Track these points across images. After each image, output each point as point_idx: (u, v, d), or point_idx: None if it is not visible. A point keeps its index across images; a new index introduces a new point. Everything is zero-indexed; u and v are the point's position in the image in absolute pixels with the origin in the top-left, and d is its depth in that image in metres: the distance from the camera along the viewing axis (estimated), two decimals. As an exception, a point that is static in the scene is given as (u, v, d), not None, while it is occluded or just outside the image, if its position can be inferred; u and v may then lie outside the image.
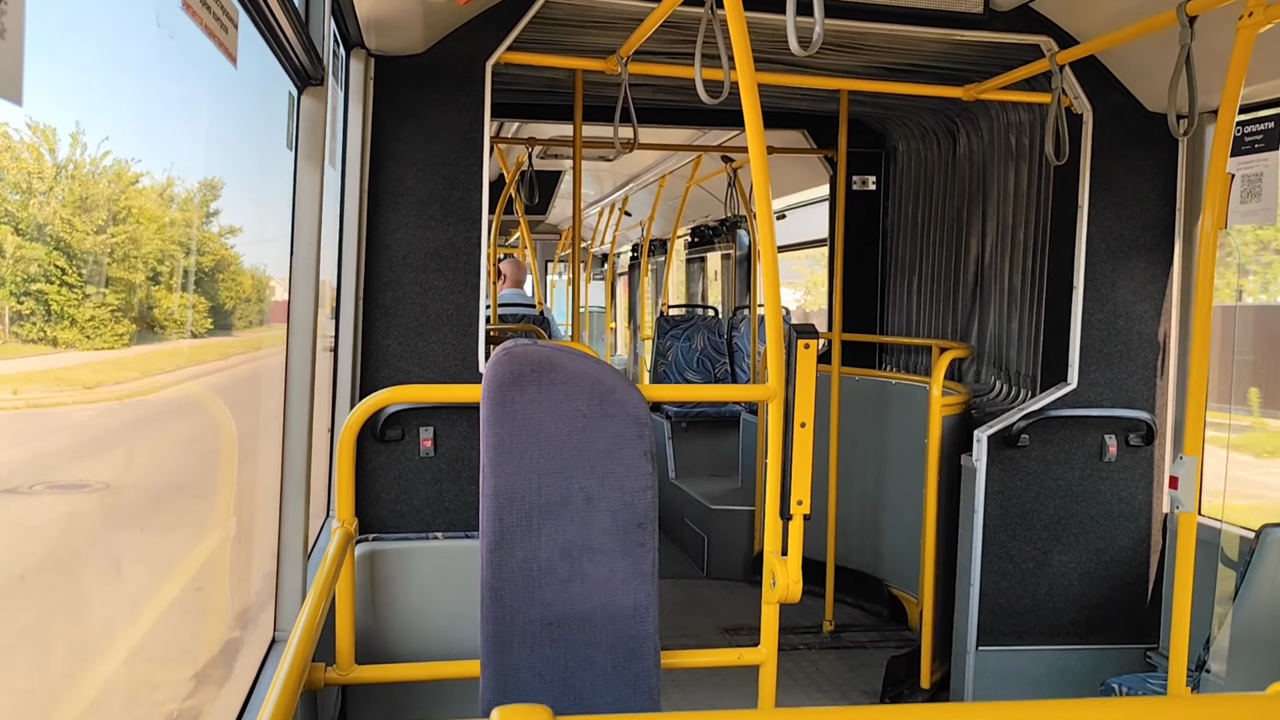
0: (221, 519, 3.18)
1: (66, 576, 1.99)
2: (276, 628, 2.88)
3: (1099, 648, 4.54)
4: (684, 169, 8.63)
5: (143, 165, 2.06)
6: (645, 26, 3.63)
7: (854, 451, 5.93)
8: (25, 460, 1.82)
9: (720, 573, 6.86)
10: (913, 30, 4.14)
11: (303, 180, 2.76)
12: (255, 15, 2.05)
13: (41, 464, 1.87)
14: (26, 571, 1.85)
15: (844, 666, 5.19)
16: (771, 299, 2.75)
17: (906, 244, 6.17)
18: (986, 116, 5.31)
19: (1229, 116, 3.03)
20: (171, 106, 2.27)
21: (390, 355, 3.78)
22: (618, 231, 12.12)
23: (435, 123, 3.79)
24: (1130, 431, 4.50)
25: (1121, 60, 4.32)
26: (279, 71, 2.54)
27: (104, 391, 2.11)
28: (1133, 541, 4.54)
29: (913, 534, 5.41)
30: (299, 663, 1.99)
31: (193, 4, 1.46)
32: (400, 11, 3.33)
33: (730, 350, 9.00)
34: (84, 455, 2.09)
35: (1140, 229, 4.45)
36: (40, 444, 1.89)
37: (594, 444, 2.60)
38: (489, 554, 2.54)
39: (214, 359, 3.19)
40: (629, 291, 13.69)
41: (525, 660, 2.57)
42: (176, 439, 2.93)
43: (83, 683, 2.06)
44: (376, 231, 3.76)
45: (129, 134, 1.90)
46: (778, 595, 2.66)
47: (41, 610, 1.87)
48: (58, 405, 1.89)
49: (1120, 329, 4.46)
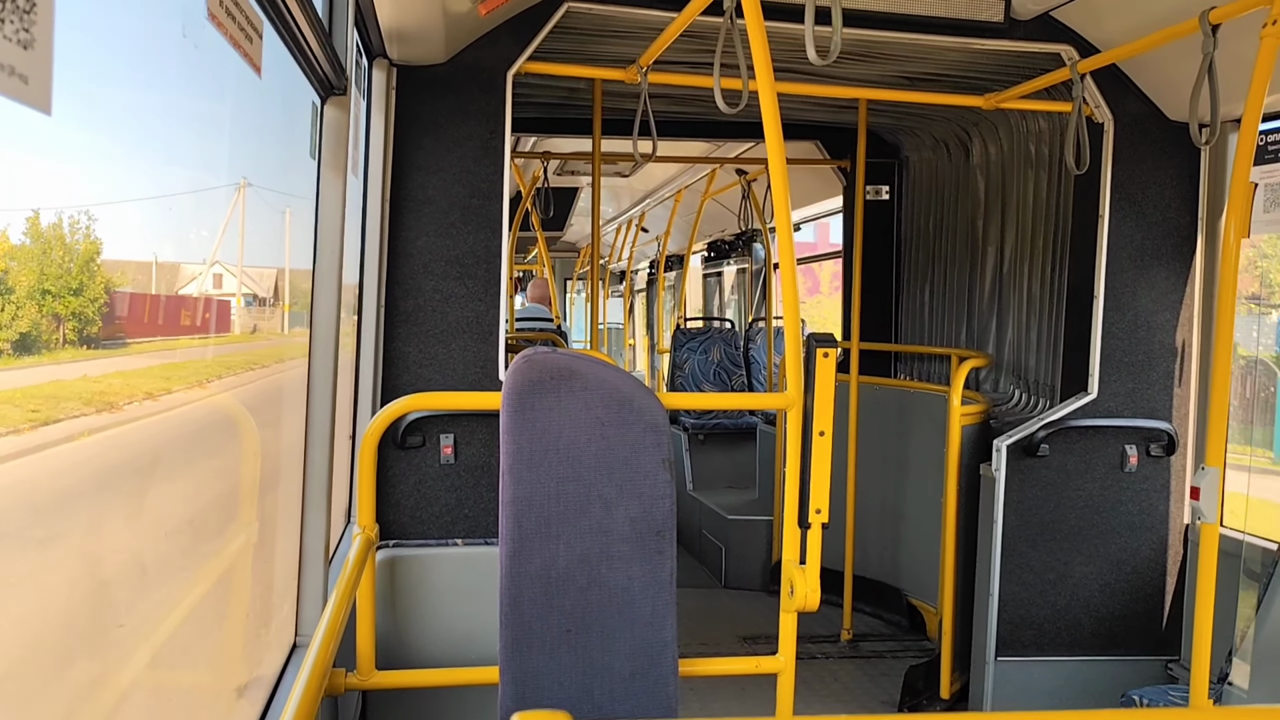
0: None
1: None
2: (298, 633, 2.90)
3: (1120, 659, 4.50)
4: (699, 184, 8.65)
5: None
6: (665, 36, 3.64)
7: (872, 461, 5.92)
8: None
9: (738, 582, 6.85)
10: (933, 39, 4.14)
11: (325, 189, 2.78)
12: (280, 25, 2.07)
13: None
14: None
15: (862, 676, 5.17)
16: (790, 308, 2.76)
17: (920, 253, 6.16)
18: (1006, 125, 5.30)
19: (1252, 125, 3.01)
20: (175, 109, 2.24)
21: (411, 362, 3.80)
22: (634, 249, 12.15)
23: (456, 131, 3.82)
24: (1151, 442, 4.47)
25: (1143, 68, 4.30)
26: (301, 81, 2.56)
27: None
28: (1154, 553, 4.50)
29: (931, 543, 5.39)
30: (320, 668, 2.01)
31: (218, 15, 1.49)
32: (422, 21, 3.35)
33: (747, 362, 9.00)
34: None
35: (1162, 238, 4.43)
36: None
37: (613, 451, 2.61)
38: (508, 561, 2.55)
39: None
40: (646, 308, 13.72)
41: (544, 666, 2.58)
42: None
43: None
44: (398, 239, 3.78)
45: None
46: (796, 604, 2.66)
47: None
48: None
49: (1141, 338, 4.44)
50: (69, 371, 1.72)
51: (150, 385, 2.17)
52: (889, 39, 4.15)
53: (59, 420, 1.68)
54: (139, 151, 1.89)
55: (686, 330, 9.17)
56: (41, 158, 1.47)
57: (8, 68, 0.85)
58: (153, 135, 1.94)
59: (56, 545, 1.75)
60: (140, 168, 1.91)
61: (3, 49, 0.84)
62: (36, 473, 1.68)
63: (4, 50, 0.84)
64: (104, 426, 1.85)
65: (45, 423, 1.64)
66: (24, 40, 0.88)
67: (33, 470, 1.67)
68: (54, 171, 1.55)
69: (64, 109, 0.99)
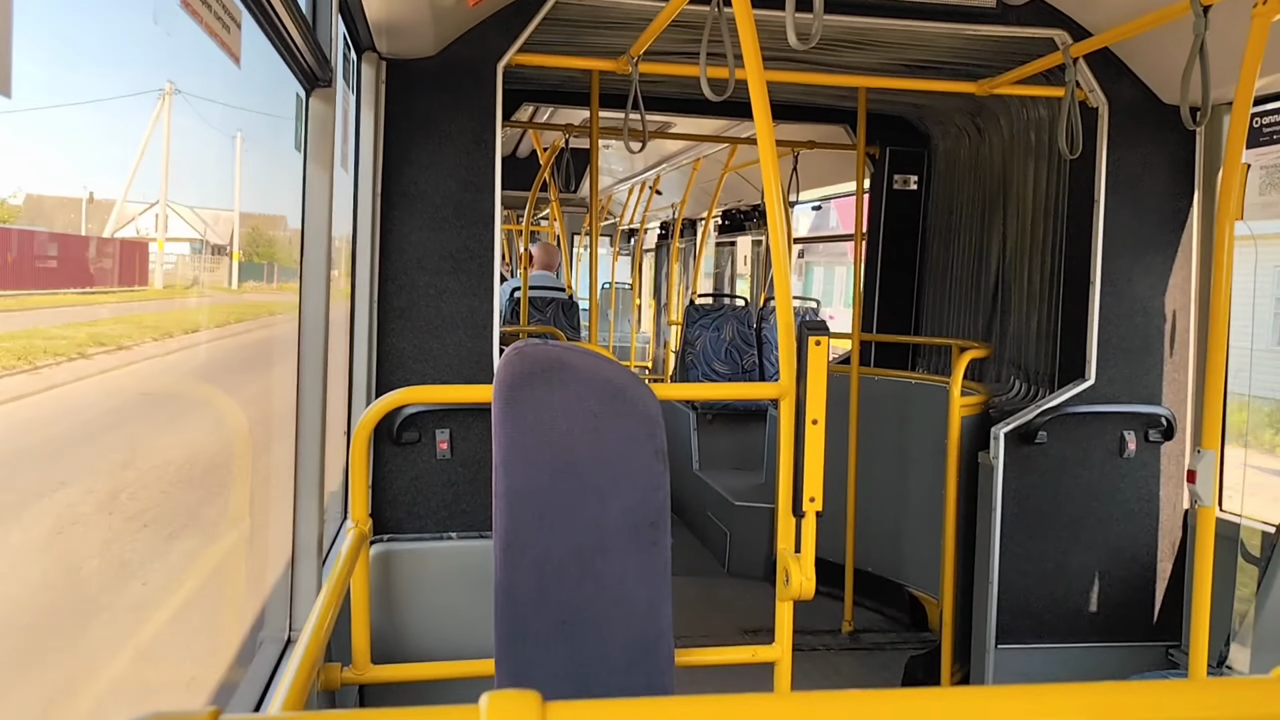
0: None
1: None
2: (291, 627, 2.90)
3: (1120, 645, 4.49)
4: (719, 154, 8.59)
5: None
6: (654, 26, 3.64)
7: (874, 453, 5.91)
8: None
9: (741, 570, 6.83)
10: (925, 25, 4.13)
11: (312, 182, 2.77)
12: (259, 16, 2.06)
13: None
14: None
15: (862, 668, 5.17)
16: (782, 294, 2.75)
17: (940, 244, 6.14)
18: (1007, 114, 5.29)
19: (1244, 107, 3.00)
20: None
21: (405, 357, 3.79)
22: (648, 210, 12.07)
23: (447, 125, 3.81)
24: (1150, 427, 4.46)
25: (1136, 52, 4.28)
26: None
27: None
28: (1153, 538, 4.49)
29: (934, 536, 5.38)
30: (310, 660, 2.00)
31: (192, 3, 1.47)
32: (410, 14, 3.34)
33: (760, 342, 8.89)
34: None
35: (1158, 222, 4.42)
36: None
37: (606, 443, 2.60)
38: (502, 553, 2.55)
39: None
40: (655, 269, 13.61)
41: (539, 658, 2.58)
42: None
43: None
44: (390, 234, 3.77)
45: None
46: (791, 592, 2.66)
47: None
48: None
49: (1139, 324, 4.42)
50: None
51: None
52: (881, 25, 4.14)
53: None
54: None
55: (699, 307, 9.09)
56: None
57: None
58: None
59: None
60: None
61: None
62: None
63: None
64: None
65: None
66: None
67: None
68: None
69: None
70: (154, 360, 2.33)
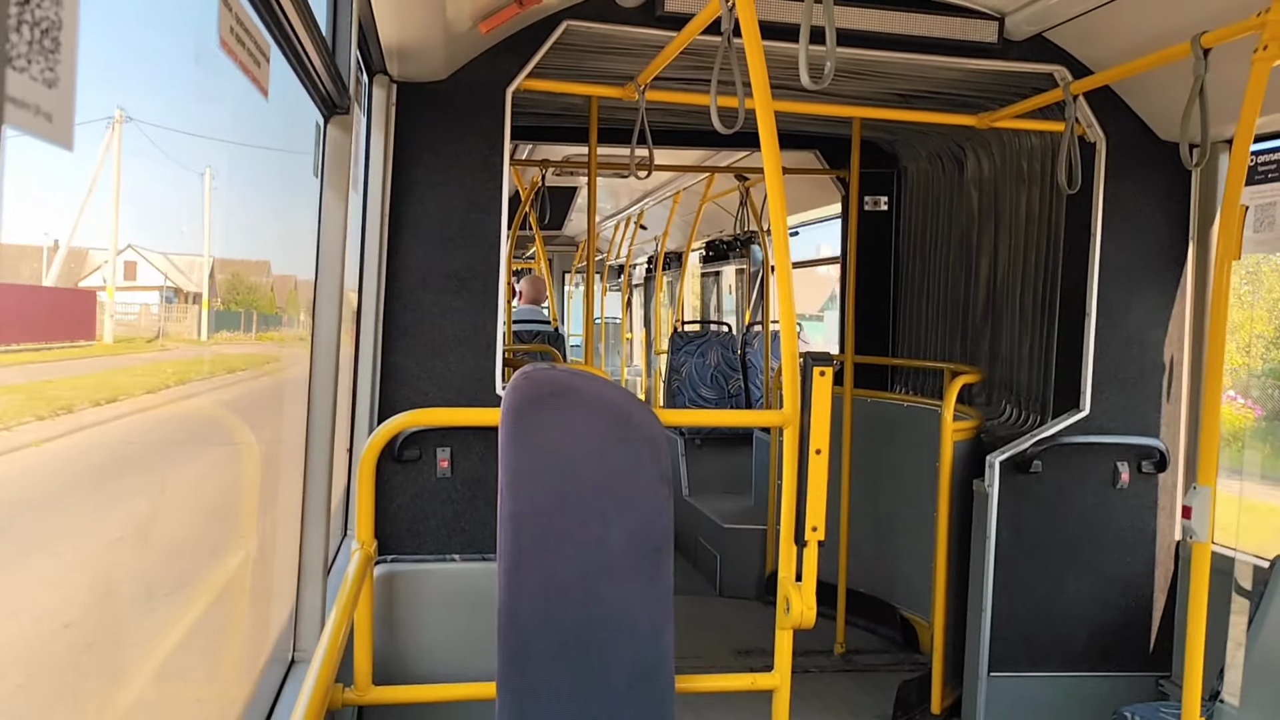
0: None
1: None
2: (296, 648, 2.91)
3: (1112, 675, 4.53)
4: (698, 185, 8.70)
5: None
6: (664, 55, 3.67)
7: (866, 474, 5.95)
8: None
9: (733, 591, 6.87)
10: (927, 59, 4.18)
11: (328, 207, 2.80)
12: (285, 47, 2.10)
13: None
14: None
15: (856, 690, 5.19)
16: (787, 324, 2.79)
17: (917, 265, 6.20)
18: (998, 141, 5.34)
19: (1243, 149, 3.05)
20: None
21: (409, 376, 3.81)
22: (633, 245, 12.19)
23: (456, 147, 3.84)
24: (1143, 459, 4.50)
25: (1135, 89, 4.34)
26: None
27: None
28: (1146, 569, 4.53)
29: (925, 558, 5.41)
30: (323, 685, 2.02)
31: (229, 42, 1.51)
32: (423, 39, 3.38)
33: (744, 366, 9.01)
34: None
35: (1153, 255, 4.47)
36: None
37: (611, 467, 2.63)
38: (506, 576, 2.57)
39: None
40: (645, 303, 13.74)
41: (542, 681, 2.60)
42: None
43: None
44: (396, 253, 3.80)
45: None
46: (792, 621, 2.68)
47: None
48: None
49: (1134, 355, 4.47)
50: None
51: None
52: (884, 58, 4.19)
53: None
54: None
55: (684, 334, 9.20)
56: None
57: (33, 107, 0.88)
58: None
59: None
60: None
61: (29, 89, 0.86)
62: None
63: (30, 90, 0.87)
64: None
65: None
66: (49, 80, 0.90)
67: None
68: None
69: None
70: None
